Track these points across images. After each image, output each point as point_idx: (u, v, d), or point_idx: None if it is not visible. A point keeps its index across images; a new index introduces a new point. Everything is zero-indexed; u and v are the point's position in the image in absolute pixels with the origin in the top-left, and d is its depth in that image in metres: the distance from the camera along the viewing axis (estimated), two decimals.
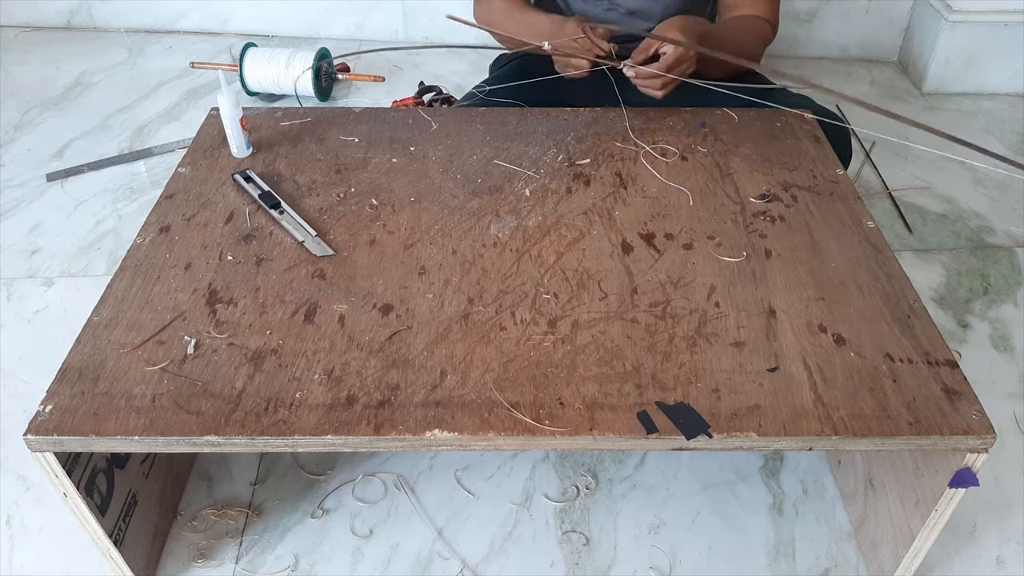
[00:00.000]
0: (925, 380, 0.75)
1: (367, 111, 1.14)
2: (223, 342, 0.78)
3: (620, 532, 0.97)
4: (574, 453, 1.05)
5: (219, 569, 0.93)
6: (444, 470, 1.03)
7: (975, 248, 1.43)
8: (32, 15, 2.10)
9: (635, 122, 1.11)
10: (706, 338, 0.79)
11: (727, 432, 0.70)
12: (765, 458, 1.05)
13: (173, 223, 0.93)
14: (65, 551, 0.94)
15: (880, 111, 0.87)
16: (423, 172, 1.02)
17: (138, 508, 0.88)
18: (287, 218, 0.93)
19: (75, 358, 0.76)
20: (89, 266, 1.36)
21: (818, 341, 0.79)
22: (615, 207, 0.96)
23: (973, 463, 0.73)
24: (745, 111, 1.13)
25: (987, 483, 1.02)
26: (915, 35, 1.97)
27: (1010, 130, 1.77)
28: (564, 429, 0.70)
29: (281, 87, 1.79)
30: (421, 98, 1.74)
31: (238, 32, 2.11)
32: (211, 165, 1.02)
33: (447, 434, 0.70)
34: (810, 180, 1.01)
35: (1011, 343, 1.23)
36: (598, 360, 0.76)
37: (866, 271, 0.87)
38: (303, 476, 1.02)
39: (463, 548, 0.95)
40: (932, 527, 0.81)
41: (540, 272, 0.86)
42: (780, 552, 0.95)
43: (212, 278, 0.85)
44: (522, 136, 1.08)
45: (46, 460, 0.72)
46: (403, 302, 0.83)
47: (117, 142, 1.68)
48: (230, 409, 0.71)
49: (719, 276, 0.86)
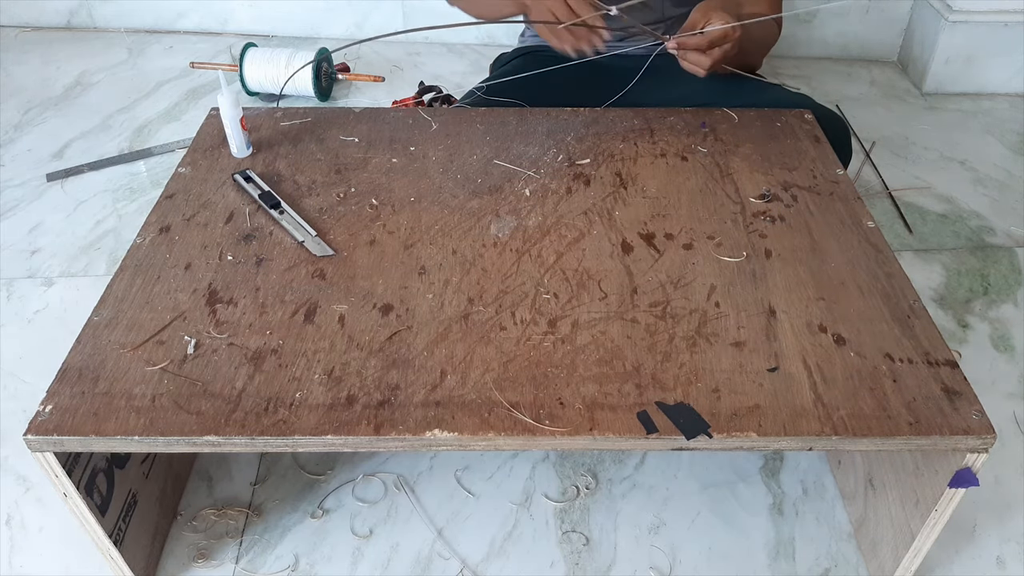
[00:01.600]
0: (925, 380, 0.75)
1: (367, 111, 1.14)
2: (223, 342, 0.78)
3: (620, 532, 0.97)
4: (574, 453, 1.05)
5: (219, 569, 0.93)
6: (444, 470, 1.03)
7: (975, 248, 1.43)
8: (32, 15, 2.10)
9: (635, 122, 1.11)
10: (706, 338, 0.79)
11: (727, 432, 0.70)
12: (765, 458, 1.05)
13: (173, 223, 0.93)
14: (65, 551, 0.94)
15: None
16: (423, 172, 1.02)
17: (138, 508, 0.88)
18: (287, 218, 0.93)
19: (75, 358, 0.76)
20: (89, 266, 1.36)
21: (818, 341, 0.79)
22: (615, 207, 0.96)
23: (973, 463, 0.73)
24: (745, 111, 1.13)
25: (987, 483, 1.02)
26: (915, 35, 1.97)
27: (1010, 130, 1.77)
28: (564, 429, 0.70)
29: (281, 87, 1.79)
30: (421, 98, 1.74)
31: (238, 32, 2.11)
32: (211, 165, 1.02)
33: (447, 434, 0.70)
34: (810, 180, 1.01)
35: (1011, 343, 1.23)
36: (598, 360, 0.76)
37: (866, 271, 0.87)
38: (303, 476, 1.02)
39: (463, 548, 0.95)
40: (932, 527, 0.81)
41: (540, 272, 0.86)
42: (780, 552, 0.95)
43: (212, 278, 0.85)
44: (522, 136, 1.08)
45: (46, 460, 0.72)
46: (403, 302, 0.83)
47: (117, 142, 1.68)
48: (230, 409, 0.71)
49: (719, 276, 0.86)
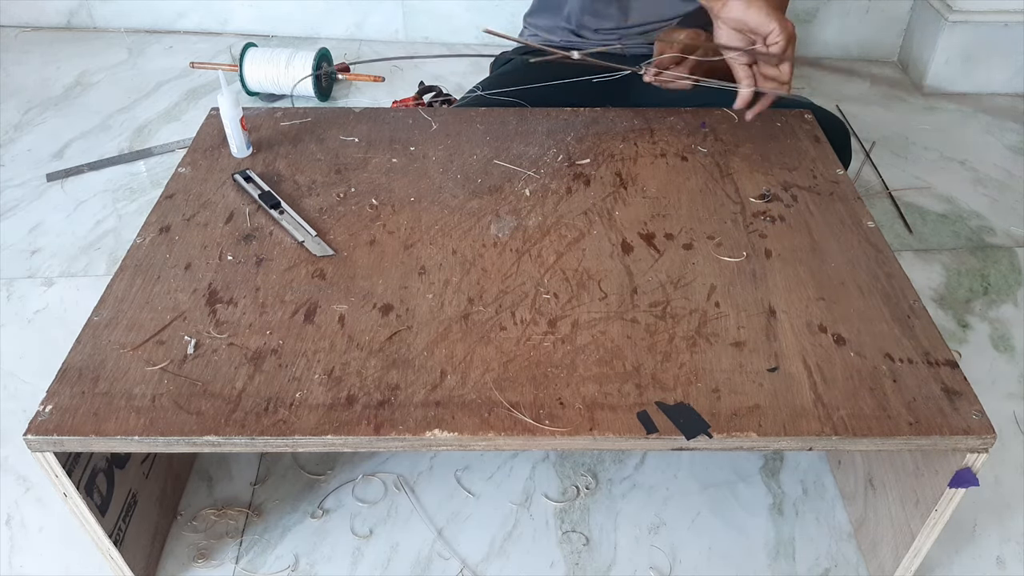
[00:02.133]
0: (925, 380, 0.75)
1: (367, 111, 1.14)
2: (223, 342, 0.78)
3: (620, 532, 0.97)
4: (574, 453, 1.05)
5: (219, 569, 0.93)
6: (444, 470, 1.03)
7: (975, 248, 1.43)
8: (32, 15, 2.10)
9: (635, 122, 1.11)
10: (706, 338, 0.79)
11: (727, 432, 0.70)
12: (765, 458, 1.05)
13: (173, 223, 0.93)
14: (65, 551, 0.94)
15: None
16: (423, 172, 1.02)
17: (138, 508, 0.88)
18: (287, 218, 0.93)
19: (75, 358, 0.76)
20: (89, 266, 1.36)
21: (818, 341, 0.79)
22: (615, 207, 0.96)
23: (973, 463, 0.73)
24: (745, 111, 1.13)
25: (987, 483, 1.02)
26: (915, 35, 1.97)
27: (1010, 130, 1.77)
28: (564, 429, 0.70)
29: (281, 87, 1.79)
30: (421, 98, 1.74)
31: (238, 32, 2.11)
32: (211, 165, 1.02)
33: (447, 434, 0.70)
34: (810, 180, 1.01)
35: (1011, 343, 1.23)
36: (598, 360, 0.76)
37: (866, 271, 0.87)
38: (303, 476, 1.02)
39: (463, 548, 0.95)
40: (932, 527, 0.81)
41: (540, 272, 0.86)
42: (780, 552, 0.95)
43: (212, 278, 0.85)
44: (522, 136, 1.08)
45: (46, 460, 0.72)
46: (403, 302, 0.83)
47: (117, 142, 1.68)
48: (230, 409, 0.71)
49: (719, 276, 0.86)
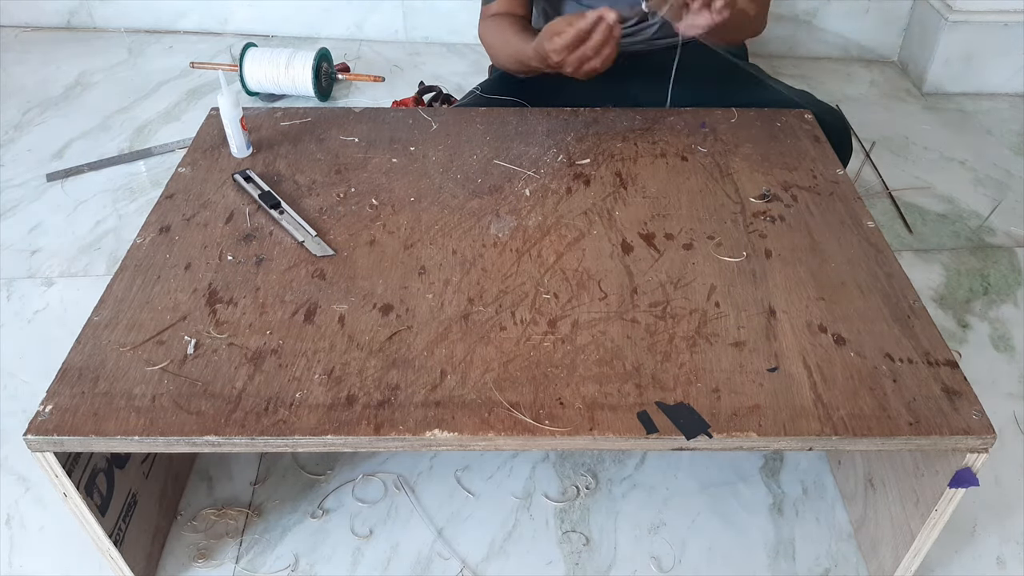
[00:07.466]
0: (925, 380, 0.75)
1: (367, 111, 1.14)
2: (223, 342, 0.78)
3: (620, 532, 0.97)
4: (574, 453, 1.05)
5: (219, 569, 0.93)
6: (444, 470, 1.03)
7: (975, 248, 1.43)
8: (32, 15, 2.10)
9: (635, 122, 1.11)
10: (706, 338, 0.79)
11: (727, 432, 0.70)
12: (765, 458, 1.05)
13: (173, 223, 0.93)
14: (65, 551, 0.94)
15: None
16: (423, 172, 1.02)
17: (138, 508, 0.88)
18: (287, 218, 0.93)
19: (75, 358, 0.76)
20: (89, 266, 1.36)
21: (818, 341, 0.79)
22: (615, 207, 0.96)
23: (973, 463, 0.73)
24: (745, 111, 1.13)
25: (987, 483, 1.02)
26: (915, 35, 1.97)
27: (1010, 130, 1.77)
28: (564, 429, 0.70)
29: (281, 87, 1.79)
30: (421, 98, 1.74)
31: (238, 32, 2.11)
32: (211, 165, 1.02)
33: (447, 434, 0.70)
34: (810, 180, 1.01)
35: (1011, 343, 1.23)
36: (598, 360, 0.76)
37: (866, 271, 0.87)
38: (303, 476, 1.02)
39: (463, 548, 0.95)
40: (932, 527, 0.81)
41: (540, 272, 0.86)
42: (780, 552, 0.95)
43: (212, 278, 0.85)
44: (522, 136, 1.08)
45: (46, 460, 0.72)
46: (403, 302, 0.83)
47: (117, 142, 1.68)
48: (230, 409, 0.71)
49: (719, 276, 0.86)
